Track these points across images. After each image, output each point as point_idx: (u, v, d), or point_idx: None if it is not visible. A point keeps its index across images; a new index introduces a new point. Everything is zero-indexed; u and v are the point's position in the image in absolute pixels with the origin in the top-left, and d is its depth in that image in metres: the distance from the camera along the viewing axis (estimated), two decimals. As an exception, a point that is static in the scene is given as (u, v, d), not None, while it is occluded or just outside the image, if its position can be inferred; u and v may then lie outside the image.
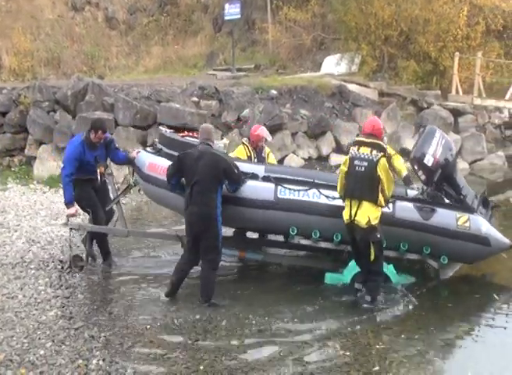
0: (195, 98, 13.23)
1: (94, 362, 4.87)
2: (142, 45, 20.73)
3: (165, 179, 6.37)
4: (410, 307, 6.06)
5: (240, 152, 7.37)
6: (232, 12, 17.24)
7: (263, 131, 7.55)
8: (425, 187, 6.73)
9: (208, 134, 6.28)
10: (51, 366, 4.78)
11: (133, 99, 12.52)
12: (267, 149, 7.64)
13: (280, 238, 6.79)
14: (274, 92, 14.17)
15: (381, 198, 5.90)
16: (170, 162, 6.37)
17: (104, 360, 4.91)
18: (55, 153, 11.88)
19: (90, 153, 7.05)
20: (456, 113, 15.84)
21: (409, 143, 13.92)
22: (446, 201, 6.66)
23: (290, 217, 6.34)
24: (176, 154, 6.43)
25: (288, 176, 6.59)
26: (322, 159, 13.42)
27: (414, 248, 6.51)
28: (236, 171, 6.16)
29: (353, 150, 6.03)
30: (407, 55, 17.52)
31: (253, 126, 7.90)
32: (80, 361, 4.87)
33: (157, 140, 7.52)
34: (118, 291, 6.57)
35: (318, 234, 6.38)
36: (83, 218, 8.34)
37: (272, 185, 6.45)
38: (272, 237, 7.03)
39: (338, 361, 5.01)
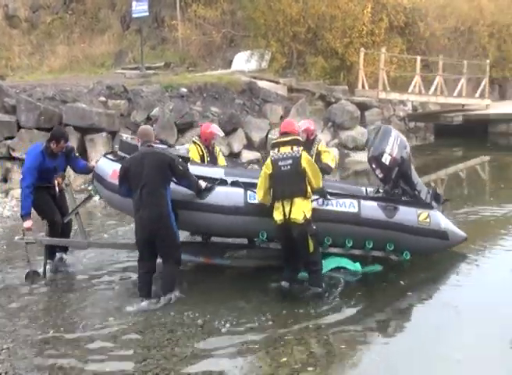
0: (103, 98, 12.93)
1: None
2: (46, 44, 20.04)
3: None
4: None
5: (192, 152, 7.32)
6: (139, 9, 16.92)
7: (214, 128, 7.64)
8: (383, 186, 6.95)
9: (147, 136, 6.20)
10: None
11: (37, 100, 12.07)
12: (217, 148, 7.70)
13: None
14: (184, 90, 14.10)
15: (309, 190, 6.02)
16: None
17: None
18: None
19: (51, 162, 6.87)
20: (363, 107, 16.34)
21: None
22: (403, 198, 6.89)
23: (260, 222, 6.32)
24: None
25: (253, 180, 6.49)
26: (234, 156, 13.47)
27: (378, 245, 6.69)
28: (180, 166, 6.04)
29: (274, 152, 6.07)
30: (315, 51, 17.92)
31: (203, 125, 7.88)
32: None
33: (117, 146, 7.34)
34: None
35: None
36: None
37: (241, 190, 6.44)
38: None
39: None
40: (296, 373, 4.72)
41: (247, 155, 13.58)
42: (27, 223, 6.74)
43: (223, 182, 6.52)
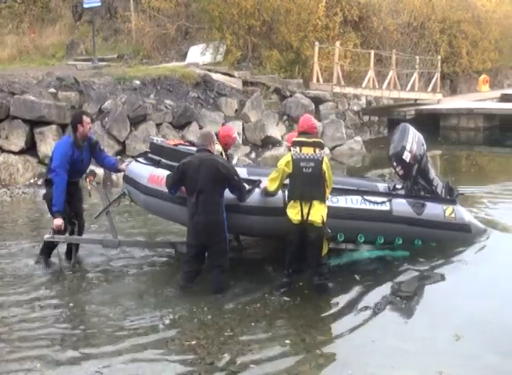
0: (53, 90, 12.61)
1: None
2: (-6, 34, 19.43)
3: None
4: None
5: None
6: (91, -1, 16.61)
7: (236, 133, 7.58)
8: (403, 182, 7.17)
9: (206, 140, 6.14)
10: None
11: (-17, 92, 11.71)
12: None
13: None
14: (137, 82, 13.87)
15: (327, 195, 6.09)
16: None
17: None
18: None
19: (78, 154, 6.67)
20: (318, 101, 16.41)
21: (273, 131, 14.26)
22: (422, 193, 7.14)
23: None
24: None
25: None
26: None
27: (407, 241, 6.84)
28: (236, 177, 6.06)
29: (296, 151, 6.03)
30: (270, 44, 17.86)
31: (223, 128, 7.56)
32: None
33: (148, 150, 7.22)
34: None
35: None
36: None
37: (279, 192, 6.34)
38: None
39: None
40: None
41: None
42: (58, 221, 6.49)
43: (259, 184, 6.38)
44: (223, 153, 6.95)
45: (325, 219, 5.99)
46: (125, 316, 5.66)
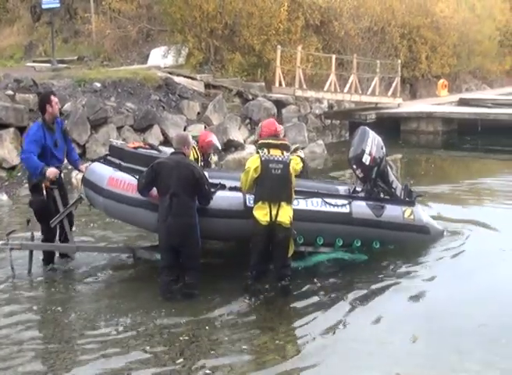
0: (10, 92, 12.33)
1: None
2: (-51, 34, 18.97)
3: (130, 195, 6.18)
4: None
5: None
6: (50, 0, 16.34)
7: (214, 139, 7.69)
8: (363, 185, 7.21)
9: (181, 143, 6.09)
10: None
11: None
12: (213, 157, 7.77)
13: None
14: (97, 85, 13.69)
15: (293, 196, 6.13)
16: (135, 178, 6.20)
17: None
18: None
19: (50, 136, 6.57)
20: (280, 104, 16.47)
21: (235, 134, 14.24)
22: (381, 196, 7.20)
23: None
24: (140, 168, 6.21)
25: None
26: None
27: (365, 243, 6.88)
28: (206, 186, 6.04)
29: (263, 153, 6.02)
30: (232, 47, 17.86)
31: (202, 133, 7.89)
32: None
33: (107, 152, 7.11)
34: None
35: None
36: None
37: (240, 194, 6.33)
38: None
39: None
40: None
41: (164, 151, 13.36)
42: (51, 171, 6.46)
43: (222, 187, 6.37)
44: (197, 152, 7.21)
45: (292, 220, 6.03)
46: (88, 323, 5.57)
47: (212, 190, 6.24)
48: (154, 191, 6.07)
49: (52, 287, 6.47)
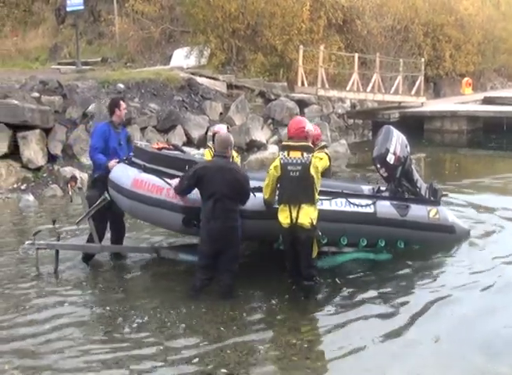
0: (36, 94, 12.47)
1: None
2: (-24, 37, 19.31)
3: (155, 196, 6.22)
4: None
5: (207, 156, 7.22)
6: (74, 2, 16.54)
7: (222, 130, 7.48)
8: (387, 184, 7.15)
9: (224, 147, 6.06)
10: None
11: (-35, 96, 11.58)
12: (234, 153, 7.35)
13: None
14: (121, 86, 13.79)
15: (316, 197, 6.06)
16: (159, 179, 6.27)
17: None
18: None
19: (115, 134, 6.93)
20: (302, 104, 16.44)
21: (258, 135, 14.25)
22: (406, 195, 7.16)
23: None
24: (165, 170, 6.31)
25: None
26: (173, 153, 13.28)
27: (390, 243, 6.85)
28: (249, 191, 6.04)
29: (283, 155, 6.02)
30: (254, 47, 17.90)
31: (215, 127, 7.68)
32: None
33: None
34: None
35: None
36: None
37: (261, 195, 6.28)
38: None
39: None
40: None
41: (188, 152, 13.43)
42: (111, 163, 6.74)
43: (257, 189, 6.30)
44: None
45: (314, 222, 6.00)
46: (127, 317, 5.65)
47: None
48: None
49: (79, 286, 6.53)
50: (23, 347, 5.15)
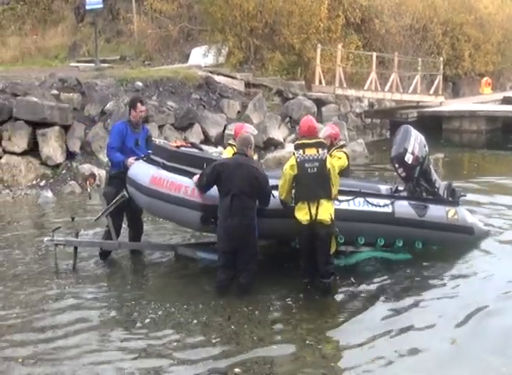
0: (55, 91, 12.62)
1: None
2: (-3, 35, 19.50)
3: (173, 193, 6.24)
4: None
5: (229, 154, 7.15)
6: (93, 1, 16.60)
7: (248, 128, 7.64)
8: (405, 184, 7.12)
9: (245, 144, 6.12)
10: None
11: (-14, 93, 11.72)
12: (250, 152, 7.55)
13: None
14: (139, 84, 13.87)
15: (334, 192, 6.09)
16: (180, 176, 6.32)
17: None
18: None
19: (133, 134, 6.96)
20: (320, 103, 16.41)
21: (275, 133, 14.24)
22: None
23: None
24: (184, 168, 6.37)
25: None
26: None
27: (407, 243, 6.86)
28: (268, 190, 6.06)
29: (299, 154, 6.04)
30: (272, 46, 17.87)
31: (237, 126, 7.62)
32: None
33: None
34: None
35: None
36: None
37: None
38: None
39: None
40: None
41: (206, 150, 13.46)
42: (130, 161, 6.78)
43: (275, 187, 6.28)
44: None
45: (333, 217, 6.01)
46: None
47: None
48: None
49: (96, 282, 6.59)
50: (40, 339, 5.24)
